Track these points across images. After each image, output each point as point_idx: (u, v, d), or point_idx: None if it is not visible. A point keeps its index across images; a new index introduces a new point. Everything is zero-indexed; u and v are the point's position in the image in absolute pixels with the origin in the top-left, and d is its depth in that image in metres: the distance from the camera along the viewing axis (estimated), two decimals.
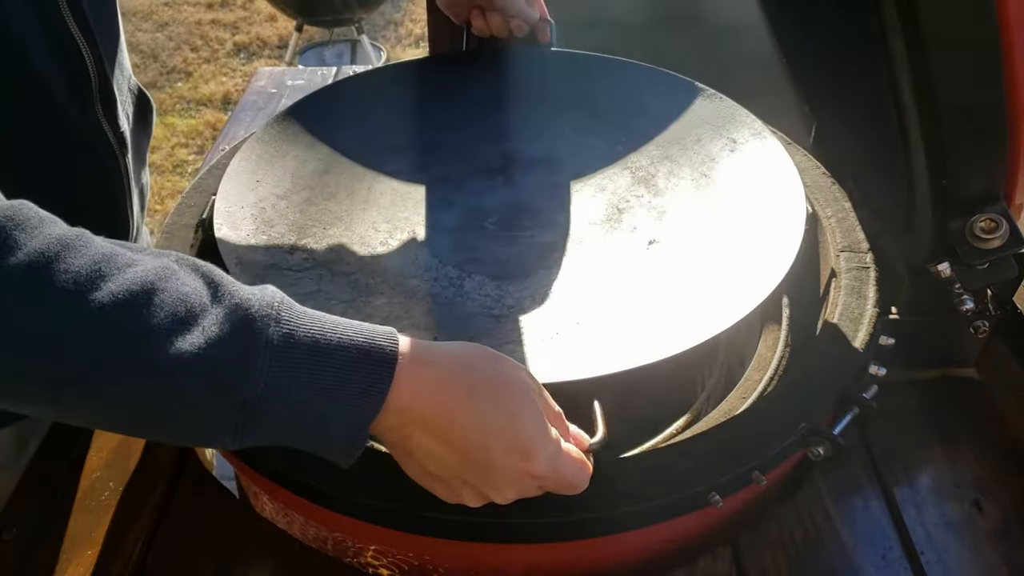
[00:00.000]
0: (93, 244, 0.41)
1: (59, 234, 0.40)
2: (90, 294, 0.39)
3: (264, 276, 0.66)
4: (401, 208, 0.76)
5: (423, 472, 0.49)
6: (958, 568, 0.63)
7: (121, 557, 0.63)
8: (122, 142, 0.74)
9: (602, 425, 0.53)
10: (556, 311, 0.64)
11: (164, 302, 0.41)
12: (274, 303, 0.44)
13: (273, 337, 0.42)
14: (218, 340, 0.41)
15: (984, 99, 0.57)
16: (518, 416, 0.47)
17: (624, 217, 0.75)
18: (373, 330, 0.45)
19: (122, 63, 0.77)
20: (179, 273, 0.43)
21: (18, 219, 0.39)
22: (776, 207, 0.70)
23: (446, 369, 0.47)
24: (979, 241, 0.61)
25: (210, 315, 0.42)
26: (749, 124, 0.79)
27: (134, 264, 0.42)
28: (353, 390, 0.44)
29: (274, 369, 0.42)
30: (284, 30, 3.57)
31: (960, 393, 0.77)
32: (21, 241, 0.39)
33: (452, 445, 0.46)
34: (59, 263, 0.39)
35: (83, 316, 0.39)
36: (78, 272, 0.40)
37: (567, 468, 0.49)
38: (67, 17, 0.65)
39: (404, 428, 0.46)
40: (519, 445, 0.47)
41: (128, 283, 0.41)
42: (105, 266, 0.41)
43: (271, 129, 0.80)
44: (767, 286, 0.60)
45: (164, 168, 2.81)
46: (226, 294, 0.43)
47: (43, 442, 0.73)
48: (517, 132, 0.85)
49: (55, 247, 0.40)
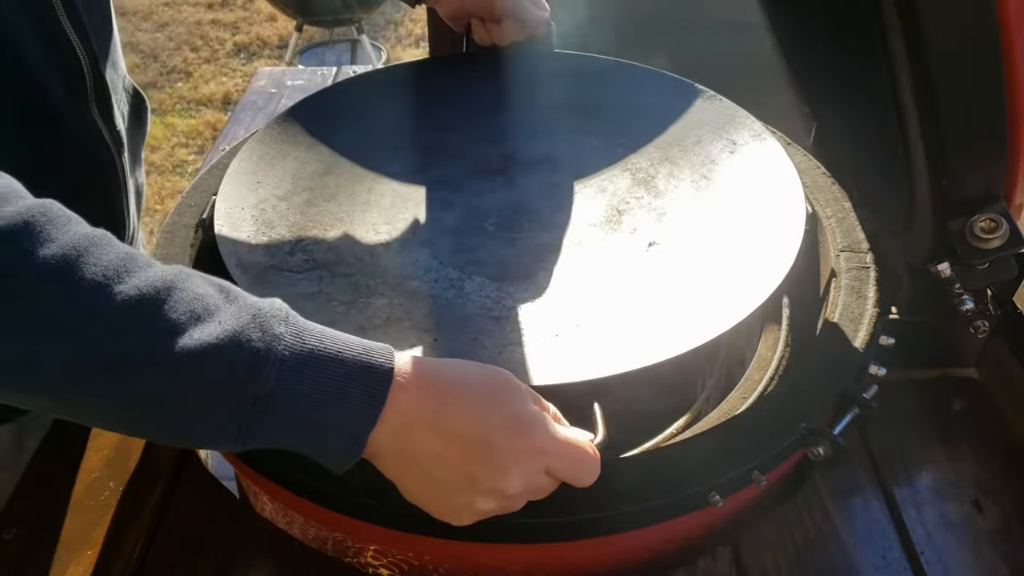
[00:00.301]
0: (116, 243, 0.44)
1: (87, 231, 0.43)
2: (117, 286, 0.42)
3: (264, 277, 0.66)
4: (401, 209, 0.77)
5: (426, 481, 0.48)
6: (958, 568, 0.63)
7: (121, 557, 0.63)
8: (118, 141, 0.74)
9: (602, 426, 0.53)
10: (556, 313, 0.65)
11: (183, 299, 0.43)
12: (283, 309, 0.46)
13: (284, 335, 0.44)
14: (234, 334, 0.43)
15: (984, 99, 0.57)
16: (511, 402, 0.49)
17: (624, 218, 0.75)
18: (372, 345, 0.47)
19: (116, 62, 0.77)
20: (193, 277, 0.45)
21: (50, 215, 0.42)
22: (776, 209, 0.70)
23: (440, 373, 0.48)
24: (979, 241, 0.61)
25: (225, 312, 0.44)
26: (749, 126, 0.79)
27: (153, 265, 0.44)
28: (355, 394, 0.45)
29: (284, 367, 0.44)
30: (284, 30, 3.57)
31: (960, 393, 0.77)
32: (53, 235, 0.41)
33: (451, 438, 0.47)
34: (89, 256, 0.42)
35: (110, 306, 0.41)
36: (106, 267, 0.42)
37: (569, 445, 0.49)
38: (61, 17, 0.65)
39: (403, 431, 0.46)
40: (516, 424, 0.48)
41: (151, 279, 0.43)
42: (130, 263, 0.43)
43: (271, 130, 0.80)
44: (766, 289, 0.60)
45: (164, 168, 2.81)
46: (237, 296, 0.46)
47: (43, 441, 0.73)
48: (517, 133, 0.85)
49: (84, 242, 0.42)
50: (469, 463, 0.47)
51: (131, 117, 0.80)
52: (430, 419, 0.47)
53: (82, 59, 0.67)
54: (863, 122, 0.74)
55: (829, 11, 0.73)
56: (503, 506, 0.49)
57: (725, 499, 0.54)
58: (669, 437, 0.65)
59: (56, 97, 0.67)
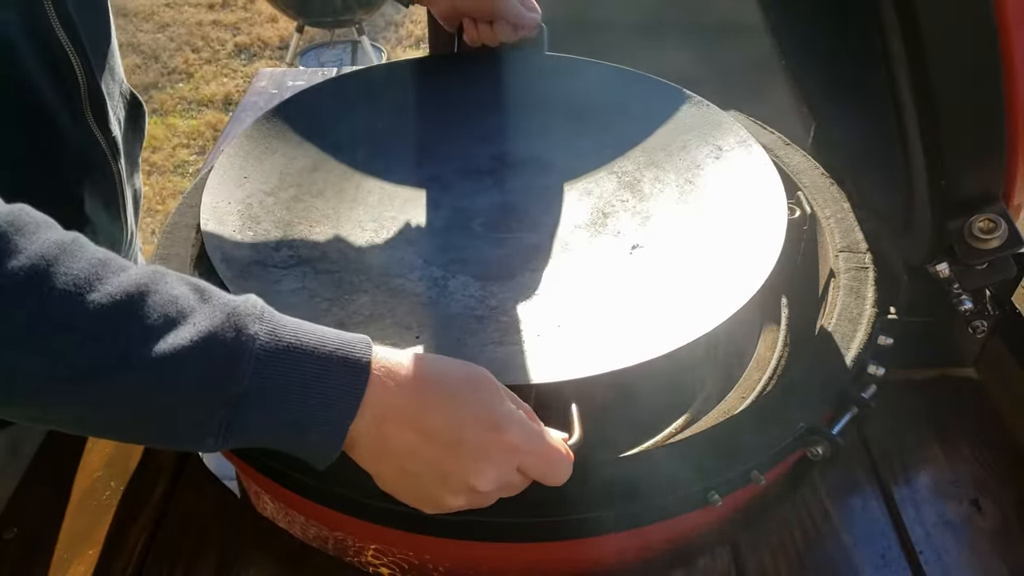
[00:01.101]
0: (89, 248, 0.43)
1: (57, 239, 0.42)
2: (89, 295, 0.41)
3: (249, 272, 0.66)
4: (388, 207, 0.77)
5: (401, 474, 0.49)
6: (957, 567, 0.63)
7: (122, 557, 0.64)
8: (114, 147, 0.74)
9: (578, 427, 0.53)
10: (538, 313, 0.65)
11: (157, 303, 0.43)
12: (258, 306, 0.46)
13: (259, 333, 0.44)
14: (209, 335, 0.43)
15: (983, 99, 0.57)
16: (487, 399, 0.49)
17: (609, 221, 0.75)
18: (349, 337, 0.47)
19: (113, 68, 0.77)
20: (168, 277, 0.45)
21: (18, 224, 0.41)
22: (757, 215, 0.70)
23: (419, 368, 0.48)
24: (978, 241, 0.61)
25: (200, 313, 0.44)
26: (735, 131, 0.79)
27: (127, 268, 0.43)
28: (333, 387, 0.45)
29: (261, 363, 0.44)
30: (285, 31, 3.57)
31: (959, 393, 0.77)
32: (21, 245, 0.40)
33: (426, 432, 0.47)
34: (59, 266, 0.41)
35: (83, 317, 0.41)
36: (77, 275, 0.41)
37: (543, 443, 0.49)
38: (55, 25, 0.65)
39: (381, 423, 0.47)
40: (490, 420, 0.48)
41: (123, 285, 0.42)
42: (101, 270, 0.42)
43: (260, 126, 0.80)
44: (745, 293, 0.60)
45: (165, 168, 2.82)
46: (213, 296, 0.45)
47: (43, 441, 0.73)
48: (506, 135, 0.85)
49: (54, 251, 0.41)
50: (443, 460, 0.48)
51: (128, 123, 0.80)
52: (408, 414, 0.47)
53: (77, 68, 0.68)
54: (862, 122, 0.74)
55: (828, 12, 0.73)
56: (474, 501, 0.49)
57: (724, 498, 0.54)
58: (668, 437, 0.65)
59: (50, 104, 0.67)
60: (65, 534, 0.65)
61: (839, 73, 0.76)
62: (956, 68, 0.56)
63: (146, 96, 3.24)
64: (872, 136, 0.72)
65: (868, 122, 0.71)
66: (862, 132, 0.76)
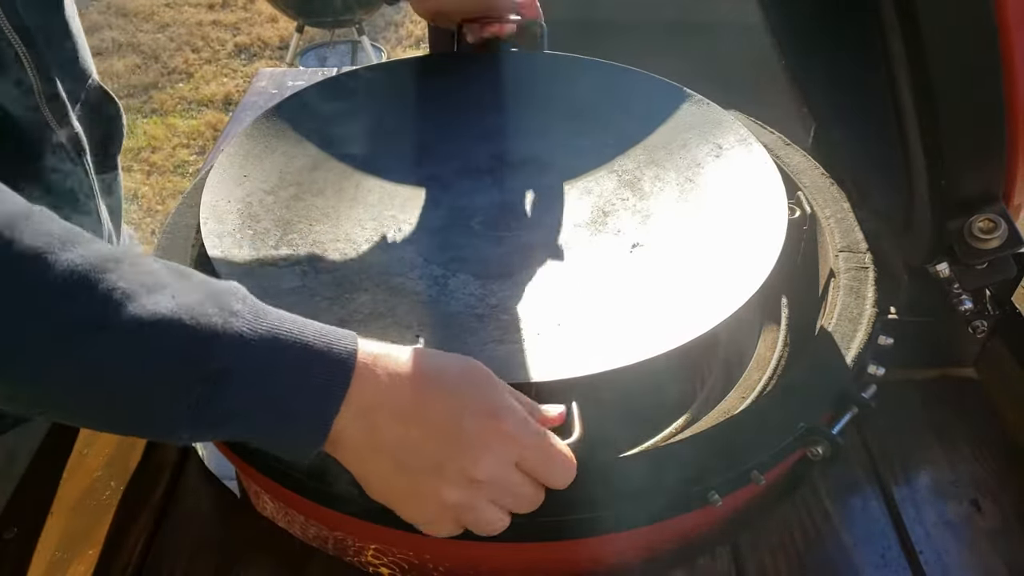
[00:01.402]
0: (58, 219, 0.41)
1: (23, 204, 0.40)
2: (62, 254, 0.39)
3: (248, 270, 0.66)
4: (388, 206, 0.77)
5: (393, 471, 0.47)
6: (957, 567, 0.63)
7: (122, 557, 0.64)
8: (77, 143, 0.74)
9: (579, 425, 0.53)
10: (538, 312, 0.65)
11: (132, 272, 0.41)
12: (240, 289, 0.44)
13: (242, 312, 0.43)
14: (189, 307, 0.41)
15: (983, 99, 0.57)
16: (485, 388, 0.48)
17: (609, 220, 0.75)
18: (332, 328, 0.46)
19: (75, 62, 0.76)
20: (143, 255, 0.43)
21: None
22: (758, 213, 0.70)
23: (414, 362, 0.47)
24: (977, 241, 0.61)
25: (180, 286, 0.42)
26: (735, 130, 0.79)
27: (98, 241, 0.42)
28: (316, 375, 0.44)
29: (243, 340, 0.42)
30: (285, 31, 3.58)
31: (959, 393, 0.77)
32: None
33: (421, 424, 0.46)
34: (28, 226, 0.39)
35: (54, 272, 0.39)
36: (48, 234, 0.39)
37: (543, 440, 0.48)
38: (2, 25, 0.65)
39: (370, 419, 0.45)
40: (489, 408, 0.47)
41: (97, 252, 0.40)
42: (73, 234, 0.40)
43: (260, 125, 0.80)
44: (745, 292, 0.60)
45: (165, 168, 2.82)
46: (192, 275, 0.44)
47: (43, 441, 0.73)
48: (506, 133, 0.85)
49: (24, 210, 0.40)
50: (438, 450, 0.46)
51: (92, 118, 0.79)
52: (401, 407, 0.45)
53: (25, 62, 0.67)
54: (862, 123, 0.74)
55: (828, 12, 0.73)
56: (471, 496, 0.47)
57: (724, 498, 0.54)
58: (668, 437, 0.65)
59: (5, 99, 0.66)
60: (65, 534, 0.65)
61: (839, 73, 0.76)
62: (956, 68, 0.56)
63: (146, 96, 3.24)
64: (872, 136, 0.72)
65: (868, 122, 0.71)
66: (862, 132, 0.76)
